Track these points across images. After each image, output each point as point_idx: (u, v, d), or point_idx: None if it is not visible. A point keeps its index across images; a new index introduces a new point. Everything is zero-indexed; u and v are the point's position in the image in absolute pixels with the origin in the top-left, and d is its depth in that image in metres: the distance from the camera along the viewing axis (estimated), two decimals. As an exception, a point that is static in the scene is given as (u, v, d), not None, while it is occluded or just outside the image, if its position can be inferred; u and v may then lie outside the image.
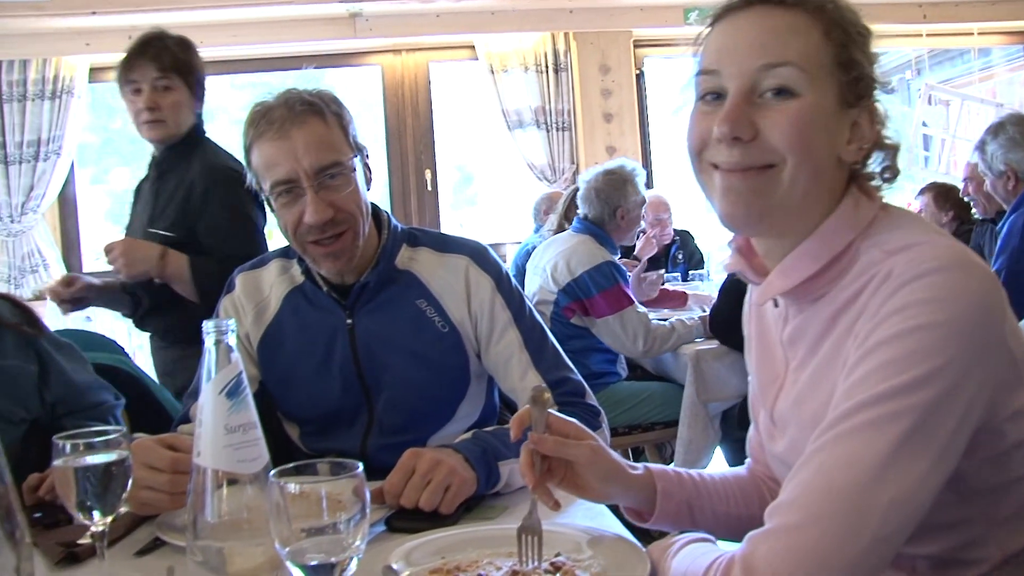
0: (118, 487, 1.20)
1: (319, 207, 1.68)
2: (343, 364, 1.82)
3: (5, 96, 5.66)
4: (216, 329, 1.07)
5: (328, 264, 1.77)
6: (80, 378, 1.88)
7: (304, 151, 1.68)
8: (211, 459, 1.06)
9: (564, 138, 6.14)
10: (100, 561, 1.25)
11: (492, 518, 1.51)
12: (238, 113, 6.91)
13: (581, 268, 3.76)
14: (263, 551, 1.10)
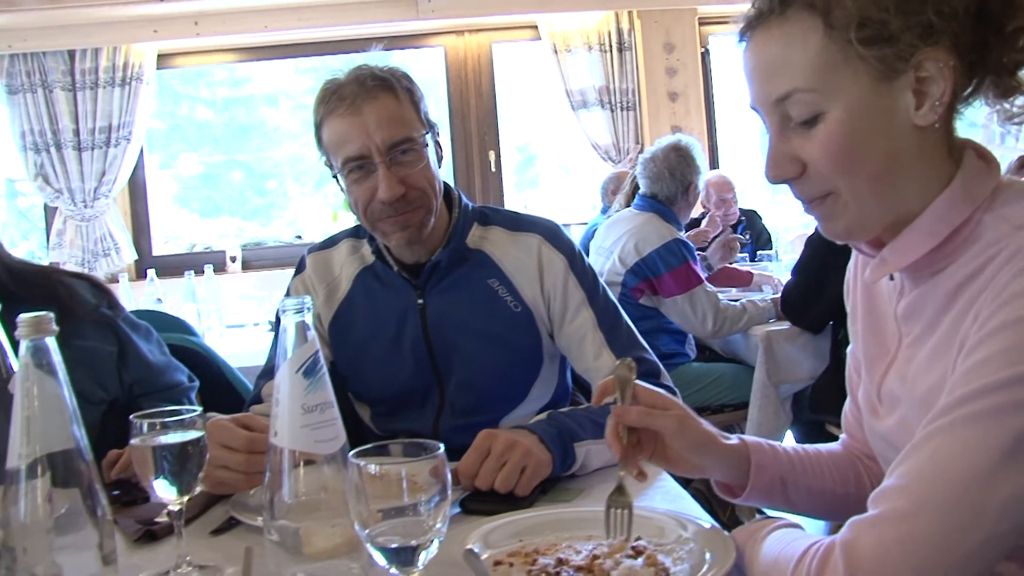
0: (194, 466, 1.21)
1: (391, 183, 1.67)
2: (414, 344, 1.81)
3: (78, 84, 5.75)
4: (294, 307, 1.06)
5: (398, 234, 1.74)
6: (156, 359, 1.90)
7: (376, 126, 1.66)
8: (288, 439, 1.05)
9: (628, 118, 6.06)
10: (178, 539, 1.26)
11: (568, 500, 1.48)
12: (302, 98, 6.99)
13: (649, 247, 3.71)
14: (340, 532, 1.09)
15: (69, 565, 1.06)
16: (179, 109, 6.94)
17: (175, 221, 6.71)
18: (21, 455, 1.03)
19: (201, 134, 7.19)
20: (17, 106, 5.72)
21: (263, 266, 6.00)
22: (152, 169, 6.31)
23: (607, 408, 1.68)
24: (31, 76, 5.73)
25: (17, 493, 1.04)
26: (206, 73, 6.82)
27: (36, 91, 5.72)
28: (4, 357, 1.20)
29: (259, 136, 7.21)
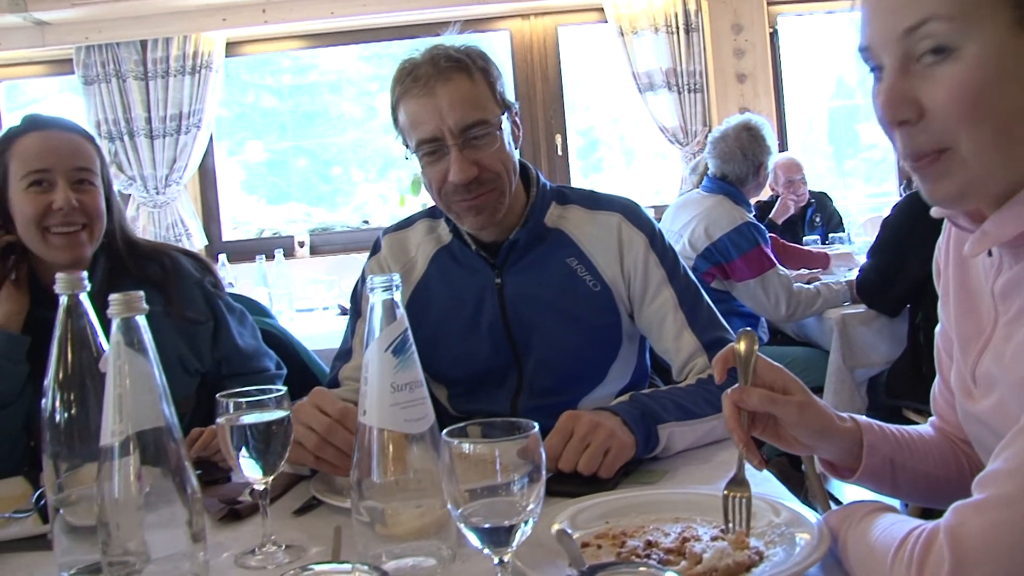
0: (279, 446, 1.21)
1: (463, 166, 1.65)
2: (492, 324, 1.79)
3: (150, 73, 5.83)
4: (382, 285, 1.05)
5: (471, 219, 1.73)
6: (246, 343, 1.92)
7: (449, 108, 1.65)
8: (377, 418, 1.04)
9: (696, 100, 5.97)
10: (263, 519, 1.26)
11: (652, 483, 1.46)
12: (365, 85, 7.00)
13: (720, 231, 3.65)
14: (427, 512, 1.08)
15: (159, 542, 1.07)
16: (245, 97, 7.01)
17: (243, 207, 6.79)
18: (114, 432, 1.04)
19: (267, 121, 7.26)
20: (92, 96, 5.82)
21: (331, 251, 6.04)
22: (221, 156, 6.39)
23: (690, 390, 1.66)
24: (105, 67, 5.83)
25: (111, 470, 1.05)
26: (271, 61, 6.87)
27: (110, 81, 5.82)
28: (95, 336, 1.21)
29: (323, 123, 7.26)
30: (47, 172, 1.76)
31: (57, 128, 1.82)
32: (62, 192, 1.75)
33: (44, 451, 1.21)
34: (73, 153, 1.80)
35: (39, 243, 1.78)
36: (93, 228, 1.80)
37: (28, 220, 1.77)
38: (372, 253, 1.92)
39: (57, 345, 1.20)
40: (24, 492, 1.60)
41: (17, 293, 1.79)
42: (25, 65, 6.30)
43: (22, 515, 1.49)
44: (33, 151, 1.77)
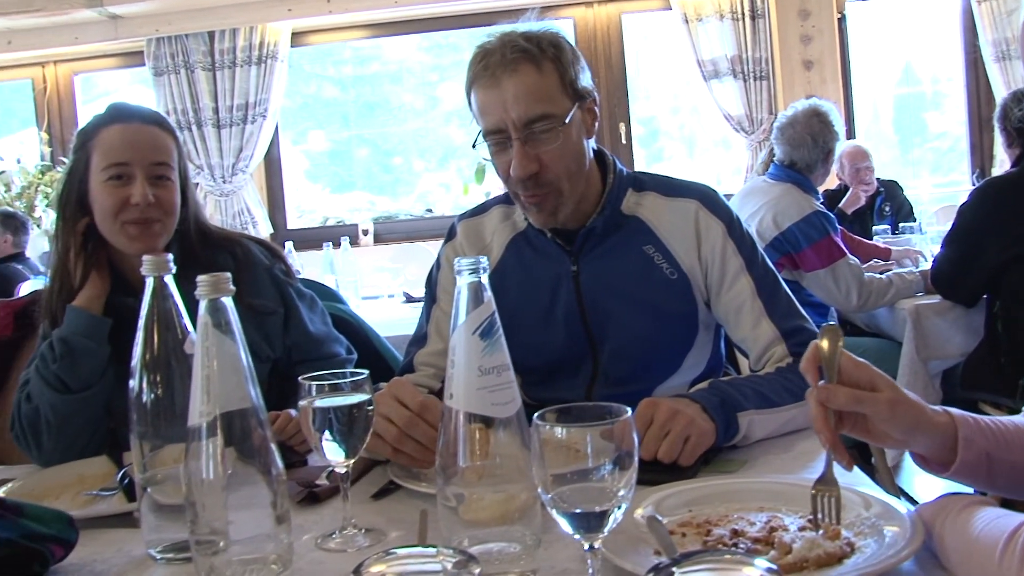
0: (360, 429, 1.20)
1: (524, 161, 1.63)
2: (568, 312, 1.77)
3: (217, 64, 5.92)
4: (469, 267, 1.04)
5: (533, 214, 1.73)
6: (317, 329, 1.93)
7: (514, 101, 1.62)
8: (463, 401, 1.03)
9: (762, 87, 5.90)
10: (343, 502, 1.26)
11: (732, 471, 1.43)
12: (425, 75, 7.01)
13: (788, 221, 3.59)
14: (513, 498, 1.07)
15: (243, 522, 1.07)
16: (307, 88, 7.08)
17: (308, 196, 6.85)
18: (202, 413, 1.04)
19: (328, 112, 7.32)
20: (162, 87, 5.93)
21: (394, 239, 6.08)
22: (285, 145, 6.45)
23: (769, 378, 1.63)
24: (175, 58, 5.93)
25: (199, 450, 1.05)
26: (333, 52, 6.93)
27: (179, 72, 5.92)
28: (179, 318, 1.22)
29: (384, 113, 7.30)
30: (126, 166, 1.78)
31: (138, 120, 1.83)
32: (140, 187, 1.77)
33: (131, 431, 1.23)
34: (152, 148, 1.81)
35: (115, 234, 1.81)
36: (167, 222, 1.83)
37: (106, 212, 1.79)
38: (447, 239, 1.92)
39: (144, 327, 1.22)
40: (108, 471, 1.63)
41: (98, 278, 1.82)
42: (99, 58, 6.44)
43: (108, 493, 1.52)
44: (114, 144, 1.80)
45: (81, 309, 1.78)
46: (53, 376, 1.74)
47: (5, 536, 1.11)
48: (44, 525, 1.16)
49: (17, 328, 2.34)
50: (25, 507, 1.17)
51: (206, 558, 1.07)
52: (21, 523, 1.14)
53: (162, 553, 1.22)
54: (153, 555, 1.23)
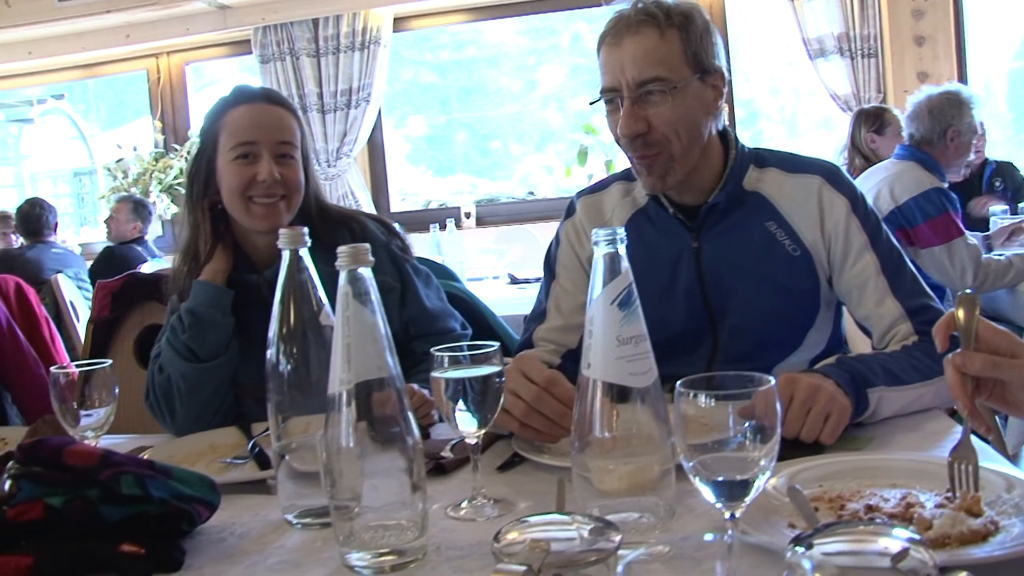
0: (492, 400, 1.22)
1: (631, 120, 1.64)
2: (688, 288, 1.76)
3: (321, 50, 6.02)
4: (605, 238, 1.04)
5: (643, 177, 1.73)
6: (432, 304, 1.95)
7: (630, 61, 1.63)
8: (601, 371, 1.03)
9: (870, 65, 5.73)
10: (473, 472, 1.28)
11: (859, 449, 1.41)
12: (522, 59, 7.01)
13: (906, 195, 3.50)
14: (647, 467, 1.07)
15: (380, 489, 1.10)
16: (405, 73, 7.15)
17: (410, 179, 6.94)
18: (342, 381, 1.07)
19: (426, 97, 7.39)
20: (268, 74, 6.06)
21: (497, 222, 6.10)
22: (388, 129, 6.54)
23: (896, 355, 1.59)
24: (280, 45, 6.05)
25: (338, 418, 1.08)
26: (430, 38, 6.99)
27: (284, 59, 6.04)
28: (315, 290, 1.25)
29: (481, 97, 7.33)
30: (253, 145, 1.84)
31: (263, 101, 1.89)
32: (266, 165, 1.82)
33: (268, 400, 1.27)
34: (278, 127, 1.86)
35: (241, 212, 1.86)
36: (291, 199, 1.87)
37: (233, 190, 1.85)
38: (566, 216, 1.92)
39: (280, 299, 1.25)
40: (238, 441, 1.69)
41: (222, 253, 1.88)
42: (208, 48, 6.63)
43: (241, 461, 1.57)
44: (241, 124, 1.85)
45: (206, 282, 1.84)
46: (183, 346, 1.81)
47: (159, 496, 1.16)
48: (190, 487, 1.21)
49: (115, 308, 2.45)
50: (173, 470, 1.22)
51: (344, 523, 1.10)
52: (171, 484, 1.19)
53: (299, 518, 1.26)
54: (290, 520, 1.27)
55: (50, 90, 7.61)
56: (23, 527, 1.16)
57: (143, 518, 1.17)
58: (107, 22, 6.39)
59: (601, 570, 0.91)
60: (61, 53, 6.74)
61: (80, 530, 1.16)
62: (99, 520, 1.15)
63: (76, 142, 7.97)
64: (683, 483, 1.10)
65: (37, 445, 1.21)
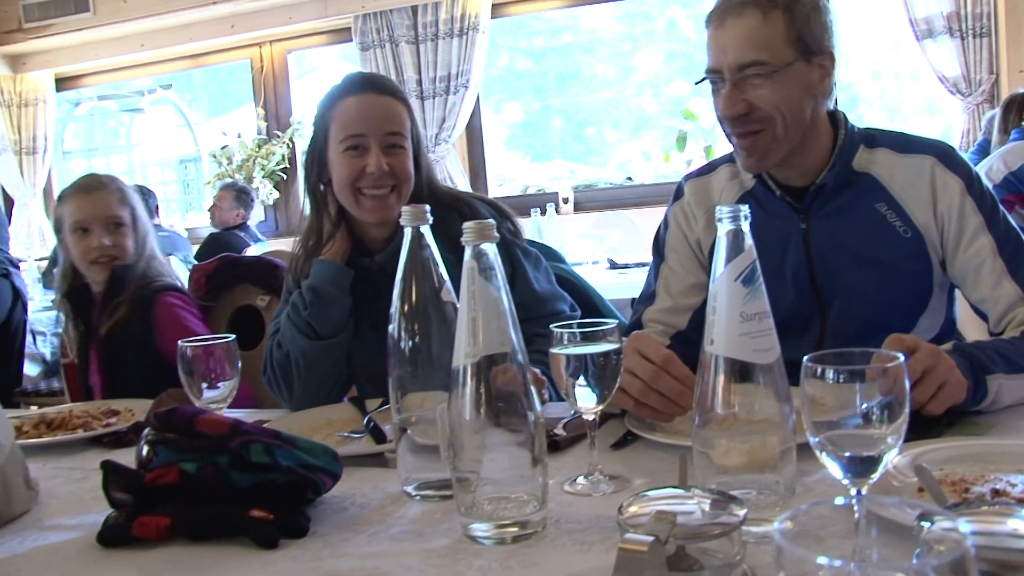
0: (610, 377, 1.23)
1: (730, 102, 1.65)
2: (796, 271, 1.75)
3: (420, 37, 6.09)
4: (729, 215, 1.04)
5: (743, 159, 1.72)
6: (542, 287, 1.97)
7: (732, 44, 1.63)
8: (724, 347, 1.03)
9: (981, 45, 5.54)
10: (590, 448, 1.29)
11: (980, 435, 1.38)
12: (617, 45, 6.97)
13: (1020, 161, 3.40)
14: (768, 445, 1.07)
15: (501, 461, 1.12)
16: (500, 60, 7.17)
17: (507, 165, 6.98)
18: (467, 354, 1.09)
19: (521, 83, 7.41)
20: (368, 61, 6.15)
21: (594, 207, 6.10)
22: (486, 115, 6.58)
23: (1015, 341, 1.55)
24: (380, 33, 6.14)
25: (462, 391, 1.10)
26: (524, 24, 7.01)
27: (384, 46, 6.13)
28: (436, 267, 1.27)
29: (576, 84, 7.32)
30: (362, 137, 1.87)
31: (372, 91, 1.91)
32: (375, 157, 1.85)
33: (389, 375, 1.30)
34: (386, 118, 1.89)
35: (351, 203, 1.90)
36: (401, 189, 1.90)
37: (343, 181, 1.89)
38: (674, 199, 1.92)
39: (402, 276, 1.28)
40: (352, 417, 1.73)
41: (342, 236, 1.93)
42: (309, 36, 6.76)
43: (357, 436, 1.61)
44: (350, 116, 1.88)
45: (327, 260, 1.89)
46: (304, 323, 1.86)
47: (286, 464, 1.20)
48: (315, 457, 1.25)
49: (209, 289, 2.54)
50: (298, 440, 1.26)
51: (466, 494, 1.12)
52: (296, 454, 1.23)
53: (418, 490, 1.29)
54: (409, 492, 1.30)
55: (158, 80, 7.87)
56: (160, 490, 1.22)
57: (270, 486, 1.21)
58: (213, 13, 6.58)
59: (724, 543, 0.92)
60: (170, 44, 6.95)
61: (212, 495, 1.21)
62: (229, 486, 1.20)
63: (182, 130, 8.23)
64: (801, 463, 1.10)
65: (172, 413, 1.27)
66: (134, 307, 2.33)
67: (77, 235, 2.39)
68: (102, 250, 2.37)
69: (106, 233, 2.37)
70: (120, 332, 2.32)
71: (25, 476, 1.42)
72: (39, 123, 7.51)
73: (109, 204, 2.40)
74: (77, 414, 1.97)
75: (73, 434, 1.83)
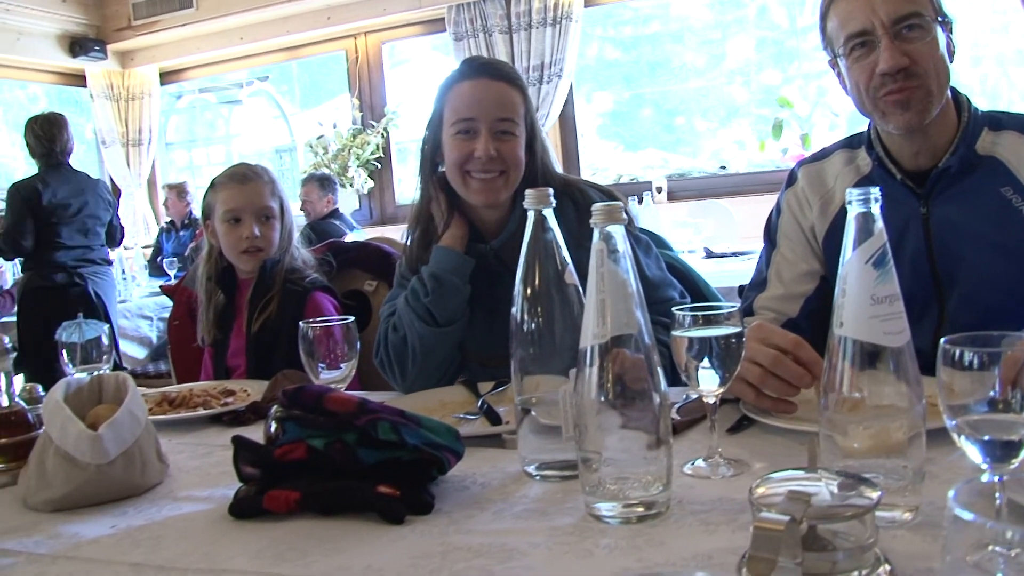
0: (733, 360, 1.23)
1: (893, 53, 1.62)
2: (915, 256, 1.72)
3: (514, 26, 6.11)
4: (859, 197, 1.04)
5: (897, 116, 1.66)
6: (652, 273, 1.97)
7: (881, 1, 1.61)
8: (854, 329, 1.03)
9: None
10: (711, 431, 1.30)
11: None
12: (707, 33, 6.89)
13: None
14: (896, 429, 1.06)
15: (627, 442, 1.13)
16: (589, 49, 7.16)
17: (599, 153, 6.97)
18: (596, 335, 1.10)
19: (610, 73, 7.38)
20: (461, 52, 6.21)
21: (688, 196, 6.06)
22: (579, 104, 6.58)
23: None
24: (473, 23, 6.19)
25: (589, 372, 1.12)
26: (613, 14, 6.99)
27: (477, 36, 6.17)
28: (559, 250, 1.29)
29: (665, 73, 7.27)
30: (472, 121, 1.90)
31: (488, 76, 1.94)
32: (483, 142, 1.88)
33: (512, 357, 1.32)
34: (497, 104, 1.92)
35: (460, 185, 1.94)
36: (510, 174, 1.93)
37: (453, 164, 1.93)
38: (787, 185, 1.90)
39: (525, 259, 1.30)
40: (466, 399, 1.76)
41: (461, 220, 1.96)
42: (404, 27, 6.84)
43: (472, 417, 1.64)
44: (462, 101, 1.92)
45: (449, 248, 1.92)
46: (424, 309, 1.89)
47: (412, 442, 1.24)
48: (439, 436, 1.28)
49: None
50: (422, 419, 1.29)
51: (591, 474, 1.14)
52: (422, 432, 1.26)
53: (539, 470, 1.31)
54: (530, 472, 1.32)
55: (255, 73, 8.06)
56: (288, 465, 1.27)
57: (395, 463, 1.24)
58: (310, 6, 6.71)
59: (856, 526, 0.92)
60: (268, 37, 7.11)
61: (338, 471, 1.25)
62: (356, 462, 1.24)
63: (278, 121, 8.41)
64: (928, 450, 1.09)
65: (300, 392, 1.32)
66: (285, 302, 2.39)
67: (228, 224, 2.44)
68: (252, 240, 2.42)
69: (256, 223, 2.43)
70: (271, 325, 2.38)
71: (157, 449, 1.48)
72: (145, 116, 7.78)
73: (261, 195, 2.45)
74: (197, 393, 2.04)
75: (195, 412, 1.90)
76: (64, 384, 1.50)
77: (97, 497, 1.36)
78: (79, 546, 1.21)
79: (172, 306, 2.79)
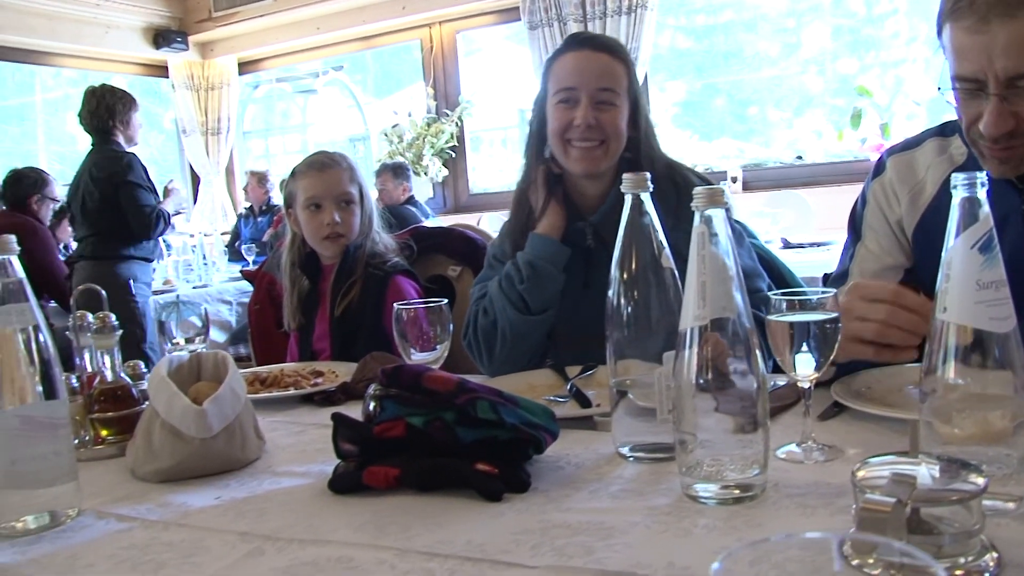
0: (829, 345, 1.23)
1: (998, 119, 1.45)
2: (1013, 252, 1.65)
3: (588, 15, 6.12)
4: (964, 182, 1.04)
5: (994, 167, 1.55)
6: (743, 263, 1.96)
7: (1001, 51, 1.40)
8: (958, 314, 1.03)
9: None
10: (804, 416, 1.30)
11: None
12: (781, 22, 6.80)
13: None
14: (999, 417, 1.06)
15: (725, 424, 1.14)
16: (661, 39, 7.12)
17: (673, 143, 6.94)
18: (696, 317, 1.12)
19: (682, 62, 7.33)
20: (536, 40, 6.23)
21: (763, 186, 6.01)
22: (653, 93, 6.56)
23: None
24: (548, 12, 6.20)
25: (688, 354, 1.13)
26: (684, 3, 6.93)
27: (552, 25, 6.18)
28: (655, 233, 1.30)
29: (737, 62, 7.20)
30: (573, 91, 1.94)
31: (589, 48, 1.98)
32: (583, 110, 1.91)
33: (608, 340, 1.34)
34: (598, 74, 1.95)
35: (561, 153, 1.98)
36: (610, 144, 1.95)
37: (554, 132, 1.97)
38: (874, 175, 1.85)
39: (621, 243, 1.31)
40: (553, 382, 1.79)
41: (558, 207, 1.99)
42: (478, 16, 6.88)
43: (562, 400, 1.67)
44: (565, 70, 1.97)
45: (546, 236, 1.95)
46: (517, 296, 1.92)
47: (511, 421, 1.26)
48: (536, 416, 1.30)
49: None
50: (519, 399, 1.32)
51: (688, 455, 1.15)
52: (520, 412, 1.29)
53: (633, 452, 1.33)
54: (624, 453, 1.34)
55: (329, 63, 8.17)
56: (387, 443, 1.30)
57: (493, 442, 1.27)
58: (385, -5, 6.78)
59: (960, 512, 0.92)
60: (343, 27, 7.21)
61: (436, 449, 1.28)
62: (455, 440, 1.26)
63: (352, 110, 8.51)
64: None
65: (399, 371, 1.35)
66: (367, 286, 2.44)
67: (309, 211, 2.50)
68: (333, 227, 2.48)
69: (337, 210, 2.48)
70: (354, 309, 2.43)
71: (255, 426, 1.53)
72: (223, 105, 7.94)
73: (341, 181, 2.51)
74: (288, 373, 2.10)
75: (286, 391, 1.96)
76: (167, 361, 1.55)
77: (201, 470, 1.41)
78: (188, 514, 1.26)
79: (252, 291, 2.86)
